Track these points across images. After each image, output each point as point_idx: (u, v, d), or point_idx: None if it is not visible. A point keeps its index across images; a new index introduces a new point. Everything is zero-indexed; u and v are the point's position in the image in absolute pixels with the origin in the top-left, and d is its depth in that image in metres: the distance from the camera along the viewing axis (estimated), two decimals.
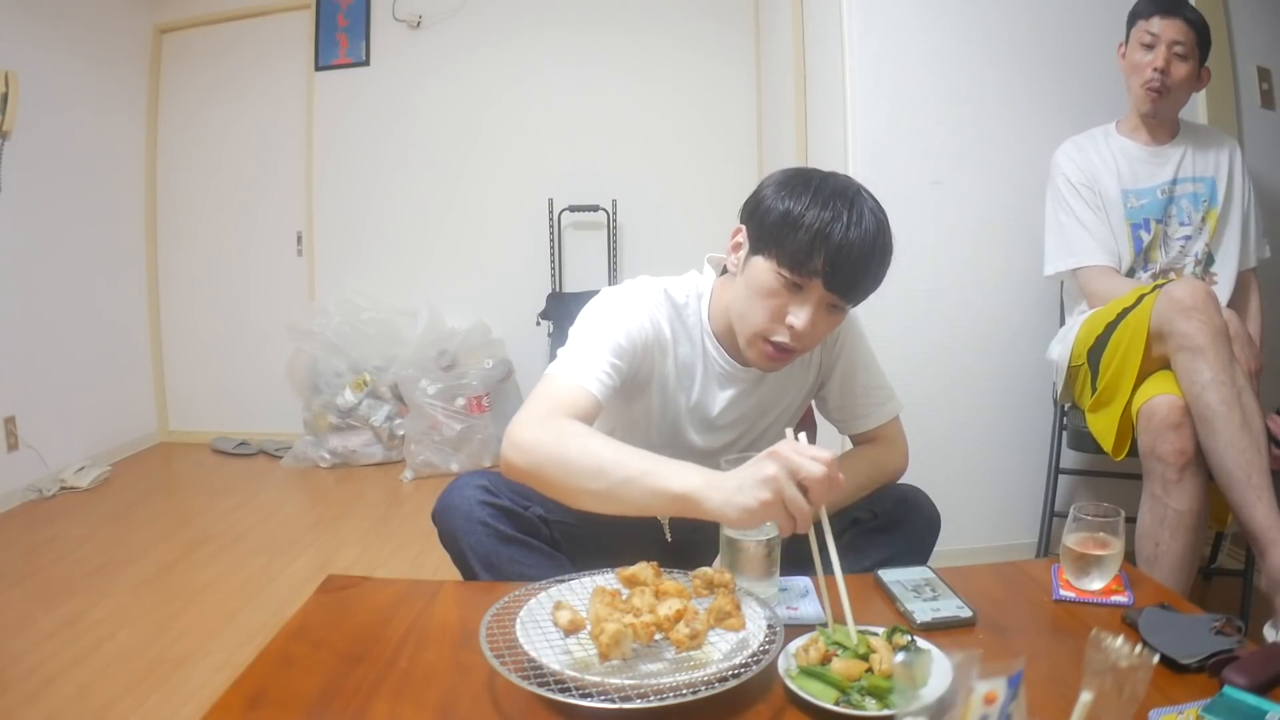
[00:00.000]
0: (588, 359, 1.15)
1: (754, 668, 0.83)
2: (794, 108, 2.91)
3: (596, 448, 1.02)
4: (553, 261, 3.86)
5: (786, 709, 0.82)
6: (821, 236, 1.08)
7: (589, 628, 0.88)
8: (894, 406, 1.37)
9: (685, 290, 1.28)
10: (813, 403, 1.44)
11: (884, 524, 1.25)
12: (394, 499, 3.24)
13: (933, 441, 2.23)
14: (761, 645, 0.87)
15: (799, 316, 1.12)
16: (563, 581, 1.02)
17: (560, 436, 1.03)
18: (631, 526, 1.33)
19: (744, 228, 1.20)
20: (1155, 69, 1.87)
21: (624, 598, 0.93)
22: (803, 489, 0.92)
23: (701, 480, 0.95)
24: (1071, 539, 1.09)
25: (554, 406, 1.09)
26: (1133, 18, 1.95)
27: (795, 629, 0.93)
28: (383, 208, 3.99)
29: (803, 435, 1.00)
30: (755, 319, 1.16)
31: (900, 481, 1.34)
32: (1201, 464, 1.52)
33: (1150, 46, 1.89)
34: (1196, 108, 2.28)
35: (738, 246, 1.21)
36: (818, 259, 1.09)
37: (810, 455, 0.92)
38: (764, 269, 1.14)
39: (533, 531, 1.21)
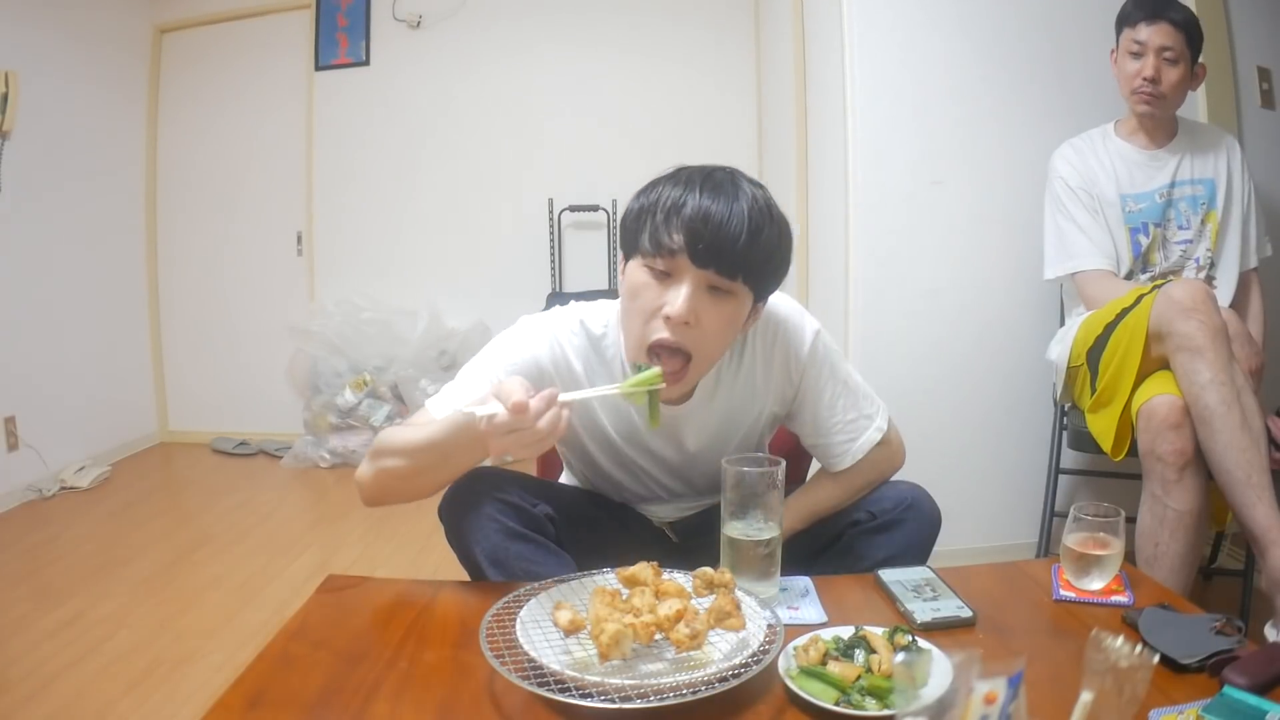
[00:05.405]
0: (457, 391, 1.15)
1: (754, 668, 0.83)
2: (794, 108, 2.91)
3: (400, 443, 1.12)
4: (553, 261, 3.86)
5: (786, 709, 0.82)
6: (675, 210, 1.05)
7: (589, 628, 0.88)
8: (873, 435, 1.25)
9: (604, 319, 1.21)
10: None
11: (884, 524, 1.24)
12: None
13: (933, 442, 2.23)
14: (761, 645, 0.87)
15: (674, 303, 1.04)
16: (563, 581, 1.02)
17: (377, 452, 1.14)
18: (634, 527, 1.34)
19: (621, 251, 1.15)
20: (1145, 78, 1.85)
21: (624, 598, 0.93)
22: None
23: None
24: (1071, 539, 1.09)
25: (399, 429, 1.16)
26: (1120, 24, 1.93)
27: (795, 629, 0.93)
28: (382, 208, 3.99)
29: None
30: (633, 325, 1.09)
31: (901, 481, 1.33)
32: (1201, 464, 1.52)
33: (1139, 55, 1.87)
34: (1196, 108, 2.28)
35: (622, 273, 1.14)
36: (676, 233, 1.04)
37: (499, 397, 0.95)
38: (633, 269, 1.10)
39: (540, 529, 1.18)
